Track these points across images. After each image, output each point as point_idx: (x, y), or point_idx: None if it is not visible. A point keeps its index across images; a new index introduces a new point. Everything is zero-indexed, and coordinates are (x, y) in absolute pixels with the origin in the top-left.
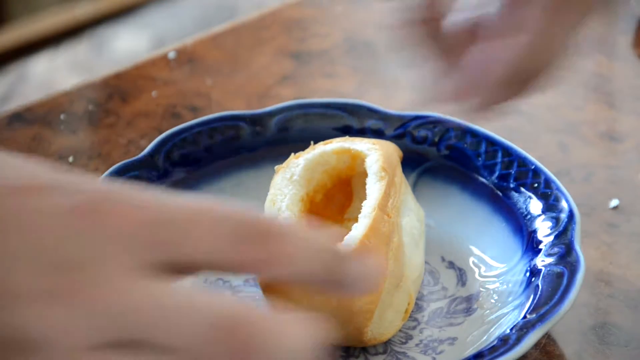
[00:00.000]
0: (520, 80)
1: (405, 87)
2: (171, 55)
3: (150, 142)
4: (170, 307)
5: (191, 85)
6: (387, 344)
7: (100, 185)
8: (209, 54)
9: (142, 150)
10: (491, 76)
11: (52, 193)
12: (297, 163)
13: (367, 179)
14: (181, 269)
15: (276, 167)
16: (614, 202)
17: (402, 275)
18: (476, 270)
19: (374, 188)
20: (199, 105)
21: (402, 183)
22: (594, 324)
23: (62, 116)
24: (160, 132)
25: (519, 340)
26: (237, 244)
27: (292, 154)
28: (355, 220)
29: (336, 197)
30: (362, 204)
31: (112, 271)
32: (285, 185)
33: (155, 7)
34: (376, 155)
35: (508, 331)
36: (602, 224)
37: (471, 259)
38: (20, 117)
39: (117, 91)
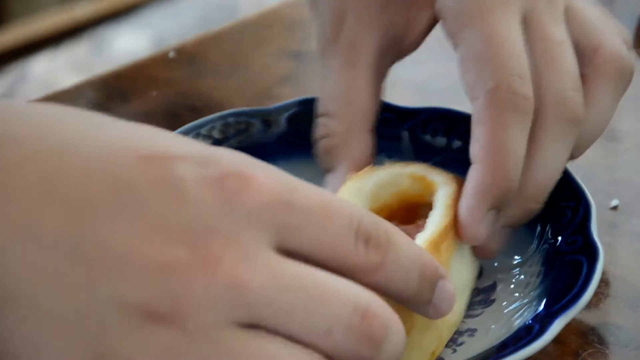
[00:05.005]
0: None
1: (405, 87)
2: (171, 54)
3: None
4: (314, 286)
5: (191, 85)
6: None
7: (235, 157)
8: (209, 54)
9: None
10: None
11: (193, 162)
12: (371, 177)
13: (429, 213)
14: (292, 257)
15: (349, 174)
16: (614, 202)
17: None
18: (493, 261)
19: (433, 224)
20: (199, 105)
21: None
22: (594, 324)
23: None
24: None
25: (542, 330)
26: (358, 244)
27: (369, 166)
28: None
29: (398, 221)
30: (416, 236)
31: (253, 246)
32: (354, 195)
33: (155, 7)
34: (447, 191)
35: (530, 321)
36: (602, 224)
37: None
38: None
39: (117, 91)
